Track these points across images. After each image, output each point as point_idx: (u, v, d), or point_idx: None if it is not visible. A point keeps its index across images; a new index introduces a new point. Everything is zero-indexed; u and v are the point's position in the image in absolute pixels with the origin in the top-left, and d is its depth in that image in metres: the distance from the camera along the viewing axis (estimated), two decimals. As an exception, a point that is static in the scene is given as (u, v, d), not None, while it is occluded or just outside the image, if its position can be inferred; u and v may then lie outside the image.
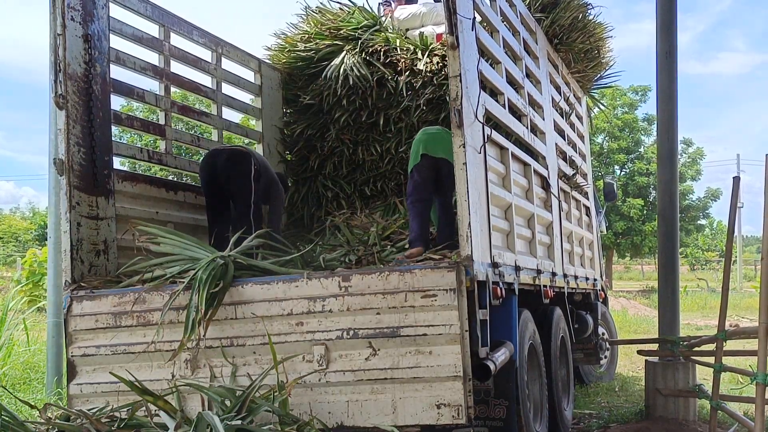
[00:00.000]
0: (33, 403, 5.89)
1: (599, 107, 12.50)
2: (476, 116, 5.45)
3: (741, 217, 50.46)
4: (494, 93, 6.35)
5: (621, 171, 39.70)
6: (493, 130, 5.94)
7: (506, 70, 6.62)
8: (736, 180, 6.46)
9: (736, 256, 51.50)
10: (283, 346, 5.25)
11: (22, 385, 8.76)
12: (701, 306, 27.17)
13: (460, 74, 5.19)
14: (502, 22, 6.77)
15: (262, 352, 5.31)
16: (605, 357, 11.14)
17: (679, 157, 35.14)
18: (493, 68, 6.35)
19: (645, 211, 37.81)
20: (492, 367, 5.15)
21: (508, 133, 6.63)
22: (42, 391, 8.39)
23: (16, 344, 9.52)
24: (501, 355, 5.42)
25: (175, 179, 8.61)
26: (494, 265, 5.55)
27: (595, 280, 10.10)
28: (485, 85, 5.98)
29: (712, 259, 52.91)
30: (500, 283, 5.60)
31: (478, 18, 6.01)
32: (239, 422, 4.78)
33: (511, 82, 6.82)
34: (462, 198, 5.11)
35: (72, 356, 5.68)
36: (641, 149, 39.74)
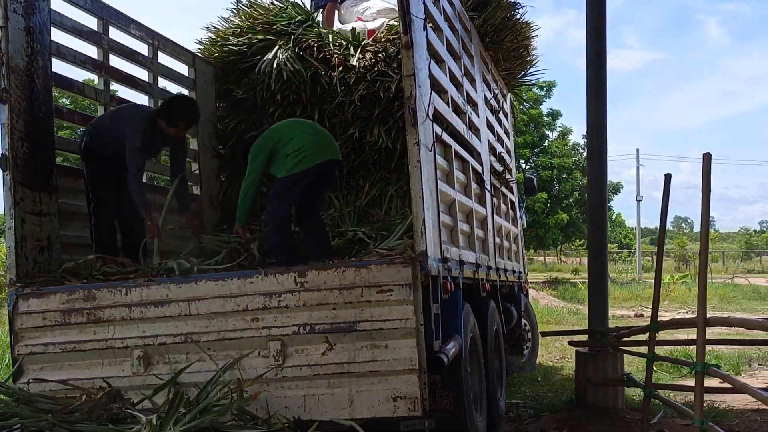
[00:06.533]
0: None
1: (523, 105, 12.81)
2: (427, 115, 5.56)
3: (639, 210, 52.07)
4: (439, 91, 6.48)
5: (526, 165, 40.43)
6: (441, 129, 6.07)
7: (449, 68, 6.75)
8: (668, 177, 6.71)
9: (635, 248, 53.17)
10: (238, 342, 5.30)
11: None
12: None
13: (414, 73, 5.30)
14: (444, 21, 6.90)
15: (217, 349, 5.33)
16: (527, 348, 11.42)
17: (581, 151, 35.80)
18: (438, 67, 6.47)
19: (549, 205, 38.61)
20: (445, 359, 5.29)
21: (451, 131, 6.77)
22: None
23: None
24: (452, 348, 5.56)
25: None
26: (444, 260, 5.68)
27: (519, 273, 10.36)
28: (432, 84, 6.09)
29: (612, 251, 54.40)
30: (449, 278, 5.74)
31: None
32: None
33: (452, 80, 6.96)
34: (416, 195, 5.22)
35: (18, 354, 5.59)
36: (545, 143, 40.57)
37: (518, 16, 9.17)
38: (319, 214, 7.21)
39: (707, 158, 5.36)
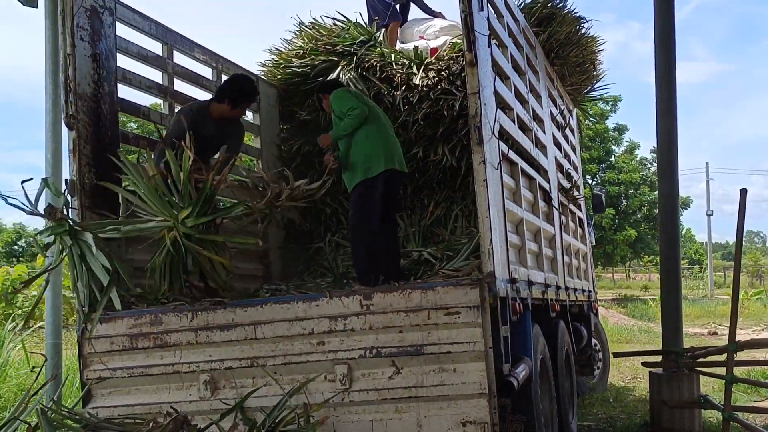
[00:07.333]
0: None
1: (588, 120, 12.63)
2: (493, 132, 5.46)
3: (710, 225, 51.08)
4: (504, 108, 6.37)
5: (592, 181, 40.01)
6: (507, 147, 5.97)
7: (514, 85, 6.65)
8: (743, 192, 6.51)
9: (706, 264, 52.06)
10: (304, 365, 5.22)
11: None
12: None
13: (479, 91, 5.20)
14: (509, 37, 6.80)
15: (283, 373, 5.27)
16: (598, 368, 11.20)
17: (649, 166, 35.21)
18: (503, 83, 6.37)
19: (617, 221, 38.13)
20: (515, 383, 5.16)
21: (517, 149, 6.66)
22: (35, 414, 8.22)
23: (13, 365, 9.33)
24: (522, 371, 5.43)
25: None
26: (512, 280, 5.56)
27: (589, 291, 10.16)
28: (497, 101, 6.00)
29: (683, 266, 53.39)
30: (517, 299, 5.61)
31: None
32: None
33: (518, 96, 6.85)
34: (483, 215, 5.11)
35: (87, 379, 5.61)
36: (612, 159, 40.12)
37: (583, 30, 9.04)
38: (395, 224, 7.02)
39: (786, 172, 5.16)
